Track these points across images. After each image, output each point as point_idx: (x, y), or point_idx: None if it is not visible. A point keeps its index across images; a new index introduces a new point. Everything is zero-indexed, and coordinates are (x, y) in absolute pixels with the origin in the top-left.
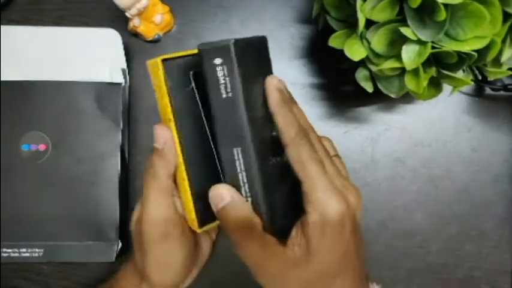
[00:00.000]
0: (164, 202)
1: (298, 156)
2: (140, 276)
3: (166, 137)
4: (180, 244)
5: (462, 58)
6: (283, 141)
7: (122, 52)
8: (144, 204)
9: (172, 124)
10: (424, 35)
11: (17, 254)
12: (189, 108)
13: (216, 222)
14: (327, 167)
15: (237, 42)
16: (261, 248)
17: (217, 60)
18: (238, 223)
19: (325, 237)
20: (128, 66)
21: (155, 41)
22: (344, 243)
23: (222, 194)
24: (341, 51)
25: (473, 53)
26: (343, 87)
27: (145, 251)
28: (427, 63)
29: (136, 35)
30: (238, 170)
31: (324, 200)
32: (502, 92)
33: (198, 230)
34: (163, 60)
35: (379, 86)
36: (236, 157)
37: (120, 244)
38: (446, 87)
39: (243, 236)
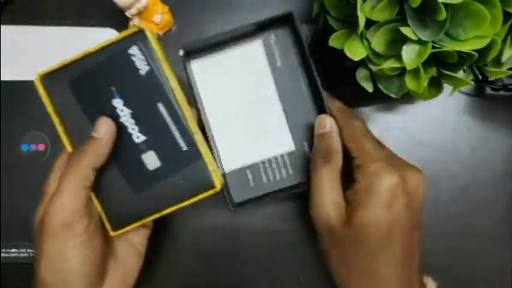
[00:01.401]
0: (77, 193)
1: (353, 133)
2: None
3: (109, 130)
4: (82, 241)
5: (462, 58)
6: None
7: None
8: (56, 193)
9: (67, 140)
10: (425, 35)
11: (16, 254)
12: (79, 120)
13: (133, 226)
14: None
15: None
16: (332, 181)
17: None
18: (329, 151)
19: (369, 206)
20: None
21: None
22: (391, 214)
23: (326, 122)
24: (341, 51)
25: (474, 53)
26: (343, 87)
27: (42, 243)
28: (427, 63)
29: None
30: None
31: (375, 171)
32: (502, 92)
33: (112, 233)
34: (43, 77)
35: (379, 86)
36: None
37: None
38: (447, 87)
39: (326, 161)
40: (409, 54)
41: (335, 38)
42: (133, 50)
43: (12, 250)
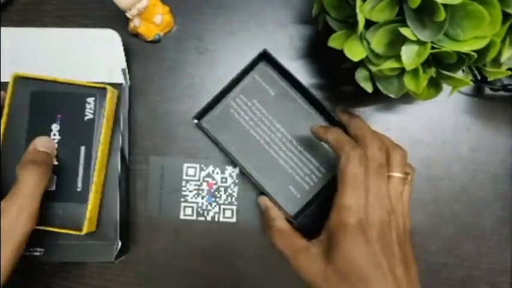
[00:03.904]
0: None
1: (341, 165)
2: None
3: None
4: None
5: (462, 58)
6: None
7: (122, 52)
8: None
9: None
10: (424, 36)
11: None
12: (21, 127)
13: None
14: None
15: None
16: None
17: None
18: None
19: (343, 238)
20: (128, 66)
21: (155, 42)
22: (366, 246)
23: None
24: (341, 52)
25: (473, 53)
26: (343, 87)
27: None
28: (426, 64)
29: (136, 35)
30: None
31: (345, 204)
32: (501, 92)
33: None
34: (17, 78)
35: (379, 86)
36: None
37: (120, 244)
38: (446, 88)
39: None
40: (409, 55)
41: (335, 38)
42: (90, 99)
43: None
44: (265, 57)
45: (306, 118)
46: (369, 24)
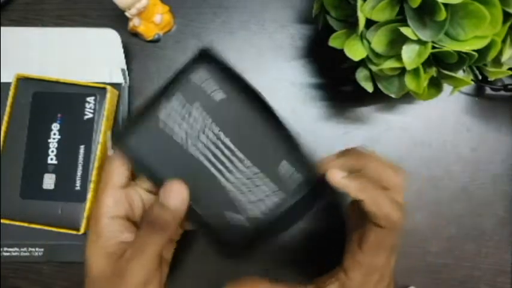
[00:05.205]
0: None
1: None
2: None
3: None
4: None
5: (462, 58)
6: None
7: (122, 52)
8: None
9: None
10: (424, 35)
11: (17, 253)
12: (22, 127)
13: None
14: None
15: None
16: None
17: None
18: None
19: None
20: (127, 66)
21: (155, 41)
22: None
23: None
24: (341, 51)
25: (474, 53)
26: (343, 87)
27: None
28: (427, 63)
29: (136, 35)
30: None
31: (376, 266)
32: (502, 92)
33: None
34: (19, 79)
35: (379, 86)
36: None
37: None
38: (447, 87)
39: None
40: (409, 54)
41: (335, 38)
42: (90, 99)
43: (13, 249)
44: (206, 57)
45: (262, 131)
46: (369, 23)
